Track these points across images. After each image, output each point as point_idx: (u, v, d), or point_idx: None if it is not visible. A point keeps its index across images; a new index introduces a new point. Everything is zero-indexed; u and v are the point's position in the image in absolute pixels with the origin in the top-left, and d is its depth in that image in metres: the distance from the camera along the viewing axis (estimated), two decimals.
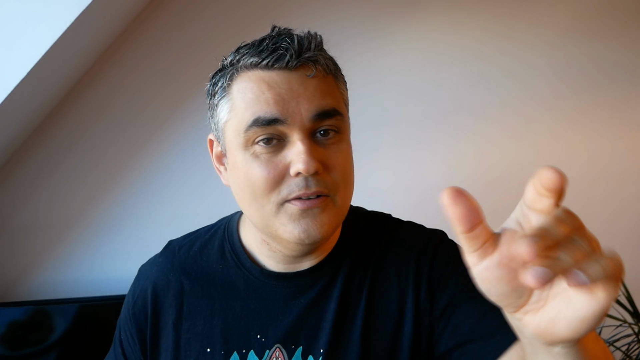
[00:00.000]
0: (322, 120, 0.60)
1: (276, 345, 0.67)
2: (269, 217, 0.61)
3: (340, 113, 0.61)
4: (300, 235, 0.60)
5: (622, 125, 1.89)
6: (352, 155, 0.66)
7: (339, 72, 0.66)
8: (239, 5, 1.70)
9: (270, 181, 0.59)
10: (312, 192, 0.59)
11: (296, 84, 0.59)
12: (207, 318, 0.69)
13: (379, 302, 0.68)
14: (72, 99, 1.65)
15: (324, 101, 0.60)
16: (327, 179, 0.60)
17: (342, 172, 0.61)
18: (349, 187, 0.64)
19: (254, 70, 0.61)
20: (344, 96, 0.66)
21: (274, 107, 0.58)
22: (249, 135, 0.59)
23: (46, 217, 1.66)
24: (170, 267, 0.74)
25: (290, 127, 0.58)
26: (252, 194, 0.61)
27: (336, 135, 0.62)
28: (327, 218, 0.61)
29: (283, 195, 0.59)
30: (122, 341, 0.75)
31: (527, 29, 1.82)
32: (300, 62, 0.60)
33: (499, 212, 2.12)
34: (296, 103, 0.59)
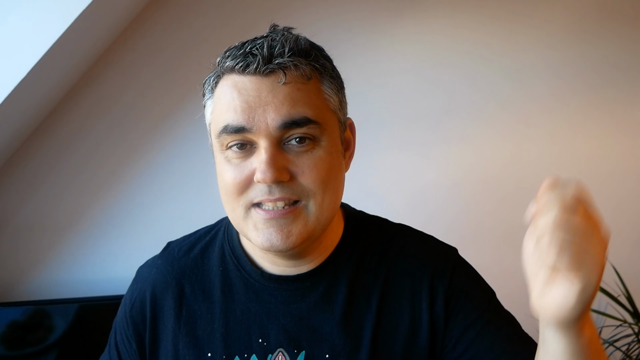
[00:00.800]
0: (291, 129, 0.59)
1: (279, 350, 0.66)
2: (240, 220, 0.62)
3: (314, 122, 0.59)
4: (263, 244, 0.60)
5: (622, 125, 1.88)
6: (337, 162, 0.64)
7: (326, 77, 0.63)
8: (239, 6, 1.70)
9: (237, 185, 0.60)
10: (276, 199, 0.59)
11: (265, 91, 0.58)
12: (208, 322, 0.69)
13: (390, 313, 0.68)
14: (72, 99, 1.65)
15: (293, 110, 0.58)
16: (295, 186, 0.60)
17: (315, 179, 0.60)
18: (327, 195, 0.61)
19: (231, 74, 0.61)
20: (330, 102, 0.63)
21: (240, 116, 0.58)
22: (221, 140, 0.61)
23: (46, 217, 1.66)
24: (169, 270, 0.73)
25: (256, 135, 0.59)
26: (225, 196, 0.63)
27: (311, 142, 0.60)
28: (297, 229, 0.60)
29: (249, 198, 0.61)
30: (118, 343, 0.74)
31: (525, 30, 1.82)
32: (268, 69, 0.59)
33: (498, 213, 2.13)
34: (262, 111, 0.58)
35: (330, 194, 0.62)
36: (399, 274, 0.69)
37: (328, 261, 0.69)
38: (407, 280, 0.69)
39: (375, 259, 0.70)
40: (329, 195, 0.62)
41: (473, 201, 1.85)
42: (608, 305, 1.87)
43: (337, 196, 0.65)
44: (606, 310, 1.87)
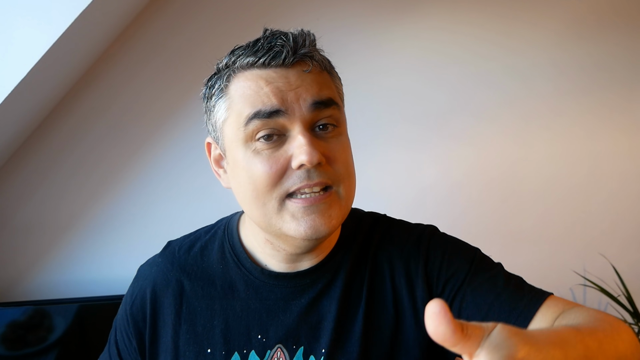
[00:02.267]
0: (320, 110, 0.61)
1: (277, 346, 0.67)
2: (272, 215, 0.61)
3: (336, 103, 0.63)
4: (307, 231, 0.60)
5: (623, 125, 1.88)
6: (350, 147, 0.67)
7: (333, 70, 0.68)
8: (238, 7, 1.70)
9: (272, 176, 0.60)
10: (315, 183, 0.59)
11: (293, 78, 0.61)
12: (208, 318, 0.69)
13: (377, 301, 0.69)
14: (72, 99, 1.65)
15: (321, 91, 0.61)
16: (329, 171, 0.61)
17: (345, 164, 0.63)
18: (352, 180, 0.64)
19: (250, 69, 0.62)
20: (339, 91, 0.67)
21: (274, 99, 0.59)
22: (250, 129, 0.60)
23: (46, 217, 1.66)
24: (170, 268, 0.73)
25: (290, 119, 0.59)
26: (254, 192, 0.61)
27: (335, 128, 0.63)
28: (335, 212, 0.61)
29: (285, 188, 0.60)
30: (118, 341, 0.74)
31: (526, 28, 1.82)
32: (296, 58, 0.61)
33: (499, 213, 2.13)
34: (294, 94, 0.60)
35: (354, 179, 0.65)
36: (380, 264, 0.70)
37: (327, 258, 0.70)
38: (386, 269, 0.70)
39: (365, 256, 0.71)
40: (353, 180, 0.65)
41: (474, 200, 1.85)
42: (608, 305, 1.87)
43: (355, 182, 0.67)
44: (606, 310, 1.87)
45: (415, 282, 0.68)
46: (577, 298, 1.91)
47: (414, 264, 0.69)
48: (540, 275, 1.88)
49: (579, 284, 1.89)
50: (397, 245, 0.71)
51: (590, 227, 1.89)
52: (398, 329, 0.68)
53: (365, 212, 0.78)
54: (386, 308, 0.68)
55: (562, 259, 1.89)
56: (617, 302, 1.77)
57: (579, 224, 1.88)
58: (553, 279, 1.89)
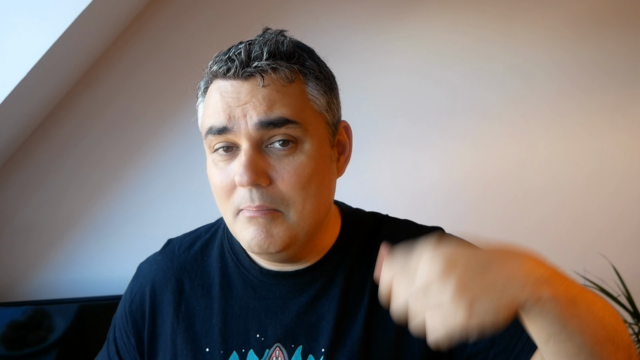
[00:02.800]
0: (270, 129, 0.59)
1: (276, 345, 0.67)
2: (231, 222, 0.63)
3: (293, 121, 0.59)
4: (250, 243, 0.61)
5: (623, 124, 1.88)
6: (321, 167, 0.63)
7: (311, 79, 0.63)
8: (238, 7, 1.70)
9: (223, 189, 0.61)
10: (256, 206, 0.59)
11: (244, 93, 0.59)
12: (206, 318, 0.69)
13: (381, 305, 0.67)
14: (72, 99, 1.65)
15: (269, 110, 0.59)
16: (274, 192, 0.59)
17: (294, 186, 0.59)
18: (308, 202, 0.60)
19: (216, 78, 0.63)
20: (315, 104, 0.62)
21: (222, 116, 0.59)
22: (208, 142, 0.62)
23: (46, 217, 1.66)
24: (169, 266, 0.74)
25: (237, 136, 0.59)
26: (217, 199, 0.64)
27: (293, 145, 0.60)
28: (277, 231, 0.60)
29: (235, 204, 0.61)
30: (117, 339, 0.74)
31: (527, 28, 1.82)
32: (246, 72, 0.59)
33: (501, 212, 2.12)
34: (241, 110, 0.59)
35: (313, 201, 0.61)
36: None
37: (326, 258, 0.69)
38: None
39: (368, 255, 0.71)
40: (310, 202, 0.61)
41: (475, 200, 1.85)
42: None
43: (321, 202, 0.63)
44: None
45: None
46: None
47: None
48: None
49: None
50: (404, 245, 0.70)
51: (590, 227, 1.88)
52: (404, 330, 0.67)
53: (366, 212, 0.78)
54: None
55: (562, 259, 1.87)
56: (617, 302, 1.77)
57: (579, 224, 1.88)
58: None
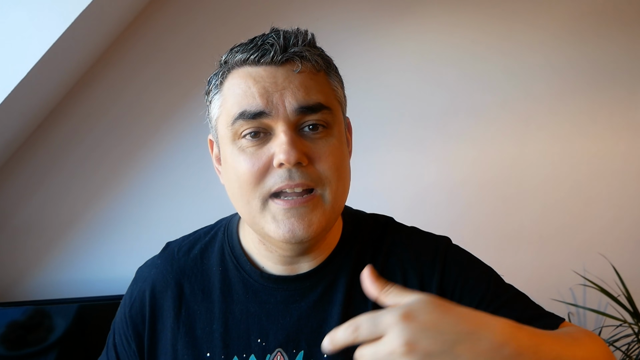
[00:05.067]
0: (306, 114, 0.59)
1: (277, 350, 0.66)
2: (256, 213, 0.61)
3: (327, 107, 0.61)
4: (285, 234, 0.60)
5: (622, 125, 1.89)
6: (346, 153, 0.65)
7: (332, 71, 0.65)
8: (238, 7, 1.70)
9: (255, 174, 0.59)
10: (296, 184, 0.58)
11: (281, 78, 0.60)
12: (207, 322, 0.68)
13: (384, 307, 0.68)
14: (72, 99, 1.65)
15: (307, 96, 0.60)
16: (312, 172, 0.59)
17: (331, 166, 0.60)
18: (340, 183, 0.62)
19: (243, 67, 0.62)
20: (337, 94, 0.65)
21: (259, 100, 0.59)
22: (236, 128, 0.60)
23: (46, 217, 1.66)
24: (169, 269, 0.72)
25: (274, 120, 0.59)
26: (240, 189, 0.61)
27: (324, 129, 0.61)
28: (316, 217, 0.60)
29: (267, 187, 0.59)
30: (117, 345, 0.73)
31: (526, 29, 1.82)
32: (285, 57, 0.60)
33: (498, 213, 2.12)
34: (280, 95, 0.59)
35: (343, 183, 0.63)
36: (392, 270, 0.69)
37: (327, 261, 0.69)
38: (399, 277, 0.69)
39: (373, 258, 0.70)
40: (342, 184, 0.62)
41: (473, 200, 1.85)
42: (608, 305, 1.87)
43: (348, 185, 0.65)
44: (606, 310, 1.87)
45: (429, 290, 0.67)
46: (577, 298, 1.91)
47: (429, 274, 0.68)
48: (540, 275, 1.89)
49: (579, 284, 1.89)
50: (412, 253, 0.70)
51: (590, 227, 1.89)
52: None
53: (367, 214, 0.77)
54: None
55: (562, 258, 1.89)
56: (617, 302, 1.77)
57: (579, 224, 1.88)
58: (553, 278, 1.89)
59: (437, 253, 0.70)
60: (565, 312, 1.88)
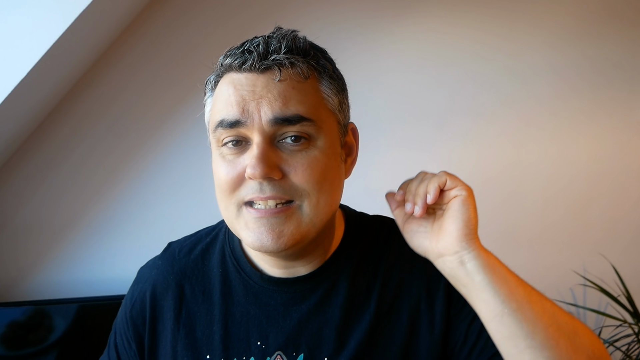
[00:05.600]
0: (284, 125, 0.58)
1: (277, 353, 0.66)
2: (232, 218, 0.62)
3: (307, 119, 0.58)
4: (254, 243, 0.59)
5: (622, 125, 1.89)
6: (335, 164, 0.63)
7: (325, 77, 0.63)
8: (239, 7, 1.70)
9: (230, 182, 0.60)
10: (267, 197, 0.58)
11: (260, 87, 0.58)
12: (207, 324, 0.68)
13: (389, 310, 0.67)
14: (72, 100, 1.65)
15: (285, 107, 0.58)
16: (286, 185, 0.58)
17: (309, 179, 0.59)
18: (322, 196, 0.60)
19: (229, 72, 0.61)
20: (328, 102, 0.62)
21: (235, 109, 0.58)
22: (217, 135, 0.60)
23: (46, 217, 1.66)
24: (170, 270, 0.72)
25: (249, 130, 0.58)
26: (219, 194, 0.62)
27: (305, 142, 0.59)
28: (289, 229, 0.59)
29: (240, 196, 0.60)
30: (117, 345, 0.73)
31: (526, 29, 1.82)
32: (263, 65, 0.59)
33: (498, 213, 2.12)
34: (256, 104, 0.58)
35: (326, 196, 0.61)
36: (397, 277, 0.68)
37: (328, 264, 0.68)
38: (406, 282, 0.68)
39: (374, 262, 0.69)
40: (324, 197, 0.60)
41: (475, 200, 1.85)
42: (608, 305, 1.87)
43: (333, 199, 0.63)
44: (606, 310, 1.87)
45: (436, 296, 0.67)
46: (577, 298, 1.91)
47: (436, 278, 0.67)
48: (540, 275, 1.89)
49: (579, 284, 1.89)
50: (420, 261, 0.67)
51: (590, 227, 1.89)
52: (412, 340, 0.66)
53: (371, 215, 0.76)
54: (400, 318, 0.66)
55: (562, 259, 1.89)
56: (617, 302, 1.77)
57: (579, 224, 1.88)
58: (553, 278, 1.89)
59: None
60: None
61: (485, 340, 0.64)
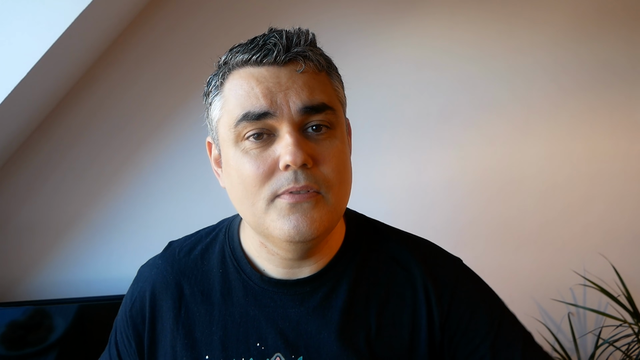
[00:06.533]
0: (311, 114, 0.59)
1: (276, 354, 0.66)
2: (260, 214, 0.60)
3: (330, 107, 0.60)
4: (290, 231, 0.58)
5: (623, 124, 1.88)
6: (349, 154, 0.65)
7: (333, 71, 0.65)
8: (238, 6, 1.70)
9: (260, 176, 0.59)
10: (301, 187, 0.58)
11: (284, 78, 0.59)
12: (206, 324, 0.68)
13: (389, 323, 0.67)
14: (72, 99, 1.65)
15: (312, 96, 0.59)
16: (317, 174, 0.59)
17: (334, 168, 0.60)
18: (343, 186, 0.61)
19: (244, 67, 0.61)
20: (338, 94, 0.65)
21: (263, 101, 0.58)
22: (239, 130, 0.59)
23: (46, 217, 1.66)
24: (170, 270, 0.72)
25: (278, 121, 0.58)
26: (244, 191, 0.60)
27: (328, 130, 0.60)
28: (319, 215, 0.59)
29: (273, 189, 0.59)
30: (118, 343, 0.74)
31: (527, 28, 1.82)
32: (288, 56, 0.59)
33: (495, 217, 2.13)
34: (284, 95, 0.58)
35: (345, 185, 0.62)
36: (400, 285, 0.68)
37: (329, 266, 0.68)
38: (409, 292, 0.68)
39: (376, 267, 0.69)
40: (344, 186, 0.62)
41: (470, 204, 1.85)
42: (608, 305, 1.87)
43: (350, 188, 0.64)
44: (606, 310, 1.87)
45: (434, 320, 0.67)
46: (577, 298, 1.91)
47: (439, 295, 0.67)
48: (541, 275, 1.89)
49: (579, 284, 1.89)
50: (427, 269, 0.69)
51: (590, 227, 1.89)
52: (412, 348, 0.66)
53: (370, 219, 0.76)
54: (402, 325, 0.67)
55: (562, 258, 1.89)
56: (617, 302, 1.77)
57: (579, 224, 1.88)
58: (553, 278, 1.89)
59: (450, 278, 0.69)
60: (565, 312, 1.88)
61: None
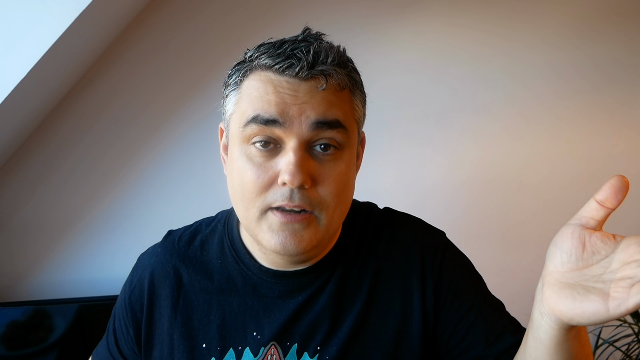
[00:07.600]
0: (322, 130, 0.59)
1: (271, 342, 0.67)
2: (252, 221, 0.61)
3: (343, 126, 0.60)
4: (277, 246, 0.60)
5: (622, 125, 1.89)
6: (352, 175, 0.65)
7: (357, 89, 0.65)
8: (238, 6, 1.70)
9: (258, 185, 0.59)
10: (295, 205, 0.59)
11: (302, 92, 0.59)
12: (204, 313, 0.69)
13: (381, 300, 0.68)
14: (72, 99, 1.65)
15: (328, 111, 0.59)
16: (313, 195, 0.59)
17: (332, 191, 0.60)
18: (339, 207, 0.62)
19: (266, 71, 0.61)
20: (356, 113, 0.65)
21: (274, 108, 0.58)
22: (247, 132, 0.60)
23: (46, 217, 1.66)
24: (168, 258, 0.73)
25: (286, 133, 0.58)
26: (241, 195, 0.61)
27: (336, 152, 0.60)
28: (308, 235, 0.60)
29: (267, 202, 0.60)
30: (116, 330, 0.75)
31: (526, 29, 1.82)
32: (311, 74, 0.59)
33: (499, 212, 2.12)
34: (298, 109, 0.58)
35: (342, 207, 0.63)
36: (389, 262, 0.70)
37: (326, 258, 0.69)
38: (398, 268, 0.70)
39: (366, 248, 0.71)
40: (340, 208, 0.63)
41: (474, 200, 1.85)
42: None
43: (347, 208, 0.65)
44: None
45: (426, 289, 0.69)
46: None
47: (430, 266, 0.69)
48: (541, 274, 1.89)
49: None
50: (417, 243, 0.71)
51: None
52: (404, 328, 0.67)
53: (361, 203, 0.78)
54: (393, 306, 0.68)
55: None
56: None
57: None
58: None
59: (439, 247, 0.71)
60: None
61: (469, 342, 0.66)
